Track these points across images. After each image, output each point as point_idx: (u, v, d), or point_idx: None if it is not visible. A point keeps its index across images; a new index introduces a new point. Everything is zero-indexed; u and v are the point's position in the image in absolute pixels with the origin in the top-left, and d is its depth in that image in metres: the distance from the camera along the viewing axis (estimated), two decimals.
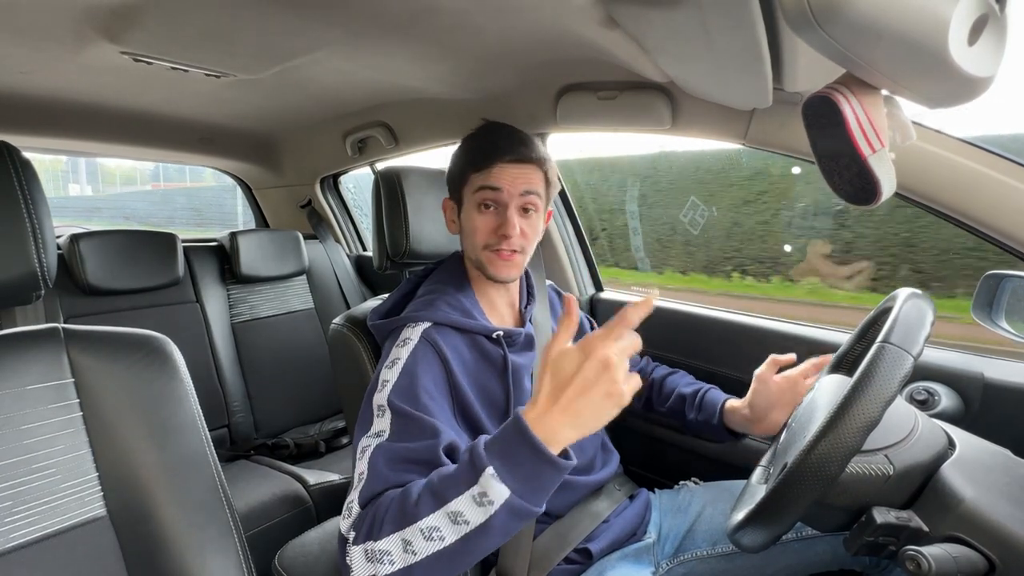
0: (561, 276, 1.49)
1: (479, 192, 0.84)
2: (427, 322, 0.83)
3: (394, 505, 0.61)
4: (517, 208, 0.85)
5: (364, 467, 0.69)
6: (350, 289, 2.03)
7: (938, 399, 0.93)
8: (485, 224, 0.85)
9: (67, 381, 0.56)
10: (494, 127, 0.89)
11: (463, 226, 0.89)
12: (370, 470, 0.69)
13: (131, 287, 1.51)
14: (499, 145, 0.84)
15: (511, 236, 0.83)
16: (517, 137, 0.86)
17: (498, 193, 0.84)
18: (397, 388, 0.75)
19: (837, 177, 0.71)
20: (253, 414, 1.71)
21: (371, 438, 0.73)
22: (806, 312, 2.88)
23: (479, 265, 0.88)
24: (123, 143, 1.69)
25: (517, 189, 0.84)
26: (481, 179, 0.84)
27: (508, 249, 0.84)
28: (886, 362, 0.54)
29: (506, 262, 0.85)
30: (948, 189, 0.83)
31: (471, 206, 0.86)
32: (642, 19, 0.73)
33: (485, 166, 0.84)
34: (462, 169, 0.87)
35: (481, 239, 0.85)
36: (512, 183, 0.84)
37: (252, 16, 0.88)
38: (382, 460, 0.69)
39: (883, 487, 0.58)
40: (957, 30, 0.48)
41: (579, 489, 0.90)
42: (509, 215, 0.84)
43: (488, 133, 0.88)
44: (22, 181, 0.57)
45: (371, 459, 0.70)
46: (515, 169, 0.84)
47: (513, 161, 0.84)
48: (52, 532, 0.53)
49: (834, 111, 0.64)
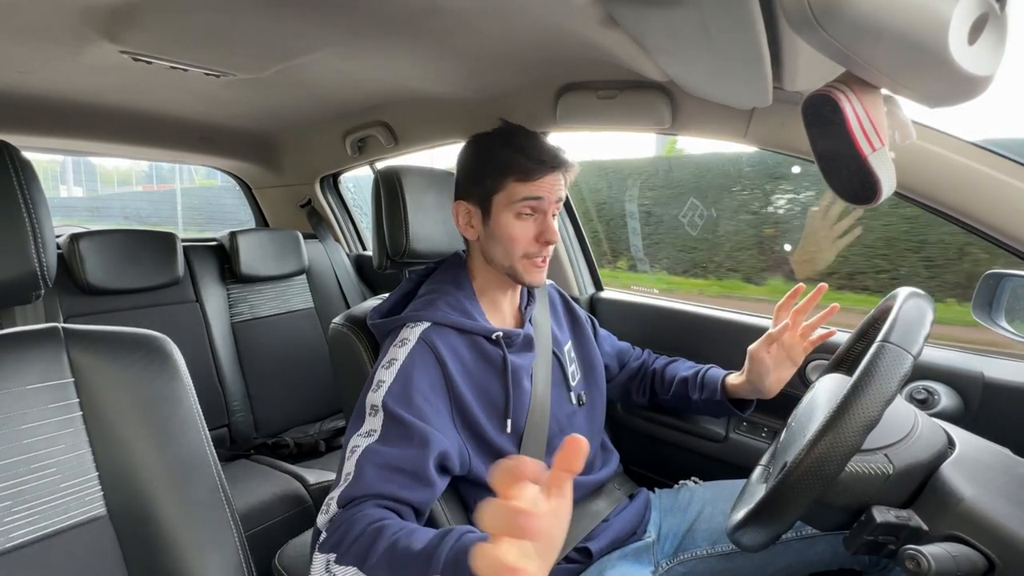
0: (561, 276, 1.49)
1: (522, 202, 0.83)
2: (426, 322, 0.82)
3: (363, 540, 0.61)
4: (551, 215, 0.86)
5: (351, 468, 0.70)
6: (350, 288, 2.03)
7: (938, 398, 0.93)
8: (526, 232, 0.85)
9: (67, 381, 0.56)
10: (528, 134, 0.88)
11: (496, 233, 0.86)
12: (356, 472, 0.69)
13: (131, 287, 1.51)
14: (543, 157, 0.84)
15: (553, 242, 0.85)
16: (553, 146, 0.87)
17: (540, 202, 0.84)
18: (392, 390, 0.75)
19: (836, 176, 0.71)
20: (253, 413, 1.71)
21: (361, 437, 0.73)
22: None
23: (511, 272, 0.87)
24: (123, 143, 1.69)
25: (554, 197, 0.85)
26: (526, 189, 0.83)
27: (544, 255, 0.86)
28: (886, 361, 0.54)
29: (540, 269, 0.87)
30: (948, 189, 0.83)
31: (509, 214, 0.84)
32: (642, 18, 0.73)
33: (534, 177, 0.83)
34: (498, 176, 0.85)
35: (521, 247, 0.85)
36: (551, 191, 0.85)
37: (252, 16, 0.88)
38: (369, 465, 0.70)
39: (883, 486, 0.58)
40: (957, 29, 0.48)
41: (579, 488, 0.90)
42: (550, 222, 0.85)
43: (527, 141, 0.86)
44: (22, 181, 0.57)
45: (359, 461, 0.70)
46: (553, 177, 0.85)
47: (556, 170, 0.85)
48: (52, 532, 0.53)
49: (834, 109, 0.63)
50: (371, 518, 0.64)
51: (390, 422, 0.73)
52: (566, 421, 0.92)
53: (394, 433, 0.73)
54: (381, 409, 0.74)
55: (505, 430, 0.83)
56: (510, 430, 0.84)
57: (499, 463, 0.40)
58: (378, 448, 0.71)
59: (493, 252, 0.88)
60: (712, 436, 1.23)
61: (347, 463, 0.71)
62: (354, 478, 0.69)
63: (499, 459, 0.87)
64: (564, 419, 0.92)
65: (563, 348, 0.98)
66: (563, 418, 0.91)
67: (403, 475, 0.70)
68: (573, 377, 0.97)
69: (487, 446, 0.82)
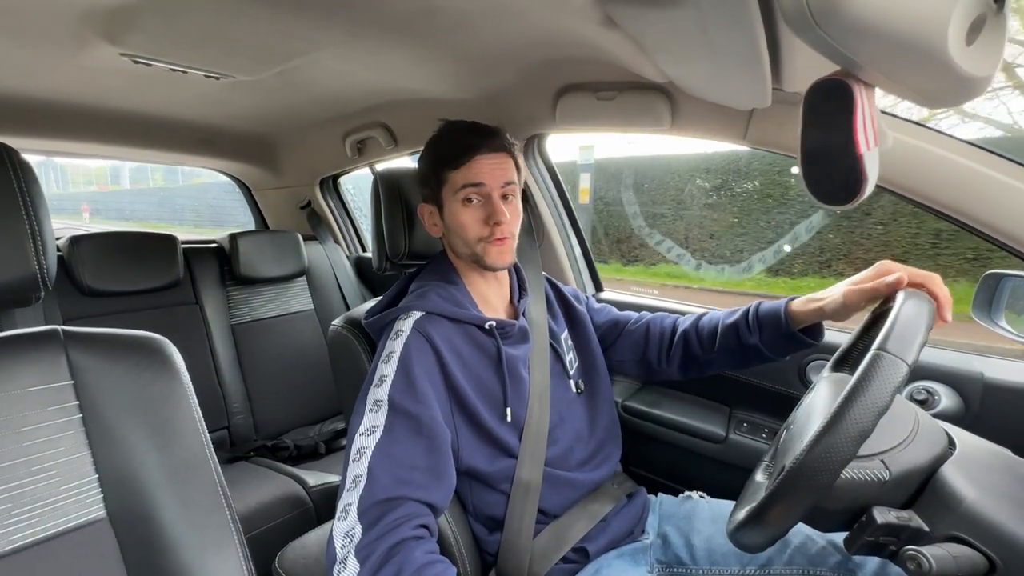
0: (561, 276, 1.49)
1: (463, 189, 0.85)
2: (419, 312, 0.83)
3: (388, 569, 0.64)
4: (499, 197, 0.86)
5: (362, 470, 0.70)
6: (350, 290, 2.03)
7: (938, 399, 0.93)
8: (474, 217, 0.85)
9: (66, 383, 0.56)
10: (459, 125, 0.89)
11: (449, 225, 0.88)
12: (369, 476, 0.69)
13: (130, 289, 1.51)
14: (472, 140, 0.85)
15: (503, 222, 0.84)
16: (487, 130, 0.87)
17: (481, 187, 0.85)
18: (396, 383, 0.76)
19: (819, 174, 0.69)
20: (253, 415, 1.71)
21: (365, 436, 0.73)
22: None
23: (475, 259, 0.88)
24: (122, 145, 1.69)
25: (498, 181, 0.85)
26: (461, 176, 0.85)
27: (500, 235, 0.85)
28: (880, 371, 0.54)
29: (500, 248, 0.86)
30: (948, 189, 0.83)
31: (455, 204, 0.86)
32: (641, 19, 0.73)
33: (464, 162, 0.84)
34: (437, 170, 0.87)
35: (474, 233, 0.86)
36: (491, 175, 0.85)
37: (251, 18, 0.88)
38: (381, 467, 0.70)
39: (880, 491, 0.58)
40: (955, 29, 0.48)
41: (578, 488, 0.90)
42: (495, 203, 0.85)
43: (457, 131, 0.88)
44: (21, 183, 0.57)
45: (371, 464, 0.70)
46: (491, 161, 0.85)
47: (489, 152, 0.85)
48: (52, 534, 0.53)
49: (847, 95, 0.62)
50: (395, 549, 0.65)
51: (398, 416, 0.74)
52: (567, 410, 0.92)
53: (401, 426, 0.73)
54: (387, 403, 0.75)
55: (505, 420, 0.84)
56: (510, 420, 0.84)
57: None
58: (387, 447, 0.71)
59: (455, 244, 0.90)
60: (712, 436, 1.23)
61: (356, 465, 0.71)
62: (368, 482, 0.69)
63: (499, 450, 0.87)
64: (564, 408, 0.92)
65: (559, 338, 0.98)
66: (563, 407, 0.92)
67: (418, 473, 0.71)
68: (571, 365, 0.97)
69: (487, 436, 0.82)
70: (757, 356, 0.91)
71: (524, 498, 0.83)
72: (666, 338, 1.01)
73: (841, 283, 0.82)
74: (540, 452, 0.85)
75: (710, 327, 0.96)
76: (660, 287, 5.24)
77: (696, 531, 0.92)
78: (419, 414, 0.74)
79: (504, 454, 0.84)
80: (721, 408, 1.28)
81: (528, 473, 0.84)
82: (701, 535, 0.91)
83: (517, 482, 0.83)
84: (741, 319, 0.92)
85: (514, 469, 0.84)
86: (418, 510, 0.70)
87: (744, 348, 0.91)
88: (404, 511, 0.68)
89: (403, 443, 0.72)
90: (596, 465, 0.94)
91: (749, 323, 0.90)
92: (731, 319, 0.93)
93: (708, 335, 0.95)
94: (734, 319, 0.93)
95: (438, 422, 0.75)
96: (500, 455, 0.84)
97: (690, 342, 0.98)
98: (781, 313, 0.86)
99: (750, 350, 0.91)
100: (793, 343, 0.87)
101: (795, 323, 0.86)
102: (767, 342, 0.88)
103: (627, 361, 1.05)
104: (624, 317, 1.07)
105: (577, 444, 0.92)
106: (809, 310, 0.84)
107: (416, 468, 0.72)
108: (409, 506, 0.69)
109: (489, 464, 0.82)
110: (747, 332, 0.90)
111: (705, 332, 0.96)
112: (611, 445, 0.98)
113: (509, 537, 0.82)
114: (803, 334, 0.86)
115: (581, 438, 0.93)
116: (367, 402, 0.76)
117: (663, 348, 1.01)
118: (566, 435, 0.90)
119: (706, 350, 0.96)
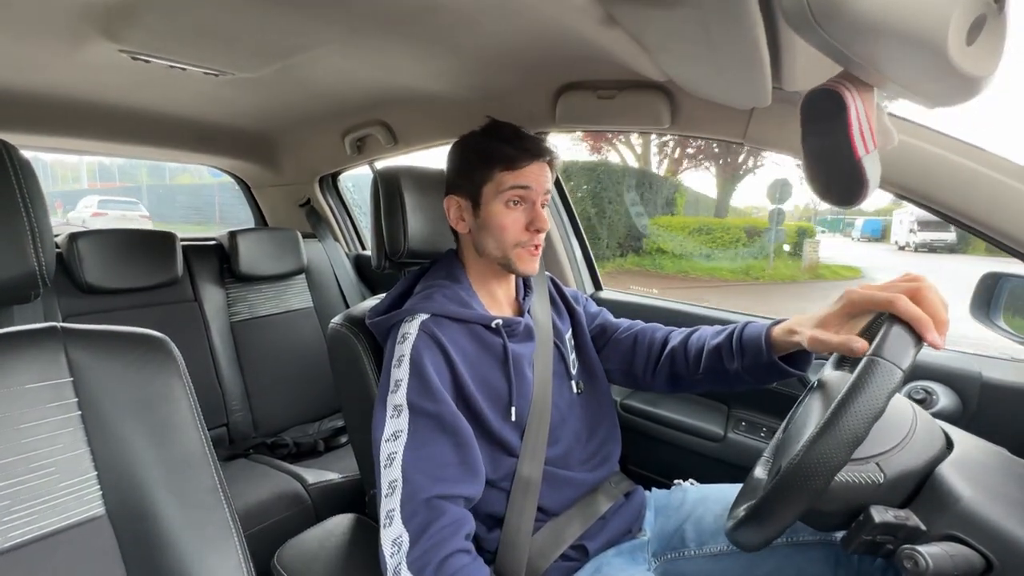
0: (561, 275, 1.49)
1: (510, 191, 0.86)
2: (424, 314, 0.83)
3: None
4: (541, 205, 0.89)
5: (397, 475, 0.72)
6: (349, 288, 2.03)
7: (936, 398, 0.93)
8: (516, 221, 0.87)
9: (65, 380, 0.56)
10: (510, 127, 0.90)
11: (486, 223, 0.88)
12: (404, 479, 0.71)
13: (129, 286, 1.50)
14: (528, 147, 0.87)
15: (544, 230, 0.87)
16: (539, 138, 0.91)
17: (527, 191, 0.86)
18: (412, 386, 0.76)
19: (823, 176, 0.70)
20: (252, 413, 1.71)
21: (392, 442, 0.74)
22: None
23: (505, 262, 0.88)
24: (121, 142, 1.69)
25: (541, 187, 0.88)
26: (513, 178, 0.86)
27: (538, 242, 0.88)
28: (875, 377, 0.54)
29: (534, 258, 0.89)
30: (947, 189, 0.83)
31: (498, 203, 0.87)
32: (641, 18, 0.73)
33: (519, 166, 0.86)
34: (485, 167, 0.87)
35: (513, 236, 0.87)
36: (538, 181, 0.87)
37: (251, 14, 0.87)
38: (414, 468, 0.72)
39: (875, 492, 0.58)
40: (956, 29, 0.48)
41: (578, 487, 0.90)
42: (539, 210, 0.87)
43: (512, 133, 0.89)
44: (20, 180, 0.57)
45: (404, 468, 0.72)
46: (539, 168, 0.88)
47: (540, 161, 0.88)
48: (50, 531, 0.53)
49: (839, 105, 0.63)
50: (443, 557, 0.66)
51: (419, 417, 0.75)
52: (567, 409, 0.92)
53: (425, 426, 0.74)
54: (406, 407, 0.75)
55: (509, 419, 0.84)
56: (514, 419, 0.84)
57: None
58: (416, 449, 0.73)
59: (485, 243, 0.89)
60: (710, 436, 1.23)
61: (388, 471, 0.72)
62: (405, 485, 0.70)
63: (501, 449, 0.88)
64: (565, 408, 0.92)
65: (564, 337, 0.98)
66: (564, 407, 0.92)
67: (451, 468, 0.73)
68: (573, 365, 0.98)
69: (490, 436, 0.82)
70: (741, 383, 0.87)
71: (524, 495, 0.83)
72: (654, 352, 0.97)
73: (812, 321, 0.74)
74: (541, 449, 0.85)
75: (697, 346, 0.91)
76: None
77: (685, 515, 0.93)
78: (440, 412, 0.75)
79: (505, 452, 0.84)
80: (719, 407, 1.29)
81: (529, 470, 0.84)
82: (690, 518, 0.92)
83: (518, 479, 0.83)
84: (725, 341, 0.87)
85: (515, 467, 0.84)
86: (461, 516, 0.72)
87: (727, 373, 0.87)
88: (448, 518, 0.70)
89: (430, 443, 0.74)
90: (596, 465, 0.94)
91: (733, 346, 0.86)
92: (716, 340, 0.89)
93: (695, 355, 0.91)
94: (718, 340, 0.88)
95: (458, 416, 0.77)
96: (502, 454, 0.84)
97: (676, 360, 0.94)
98: (762, 340, 0.81)
99: (732, 376, 0.86)
100: (774, 373, 0.82)
101: (776, 350, 0.80)
102: (748, 368, 0.84)
103: (614, 371, 1.02)
104: (613, 325, 1.05)
105: (577, 444, 0.92)
106: (787, 341, 0.78)
107: (448, 464, 0.73)
108: (452, 512, 0.71)
109: (491, 462, 0.83)
110: (730, 357, 0.86)
111: (692, 351, 0.92)
112: (611, 445, 0.99)
113: (508, 534, 0.83)
114: (786, 362, 0.81)
115: (581, 438, 0.93)
116: (387, 408, 0.77)
117: (649, 362, 0.98)
118: (567, 435, 0.91)
119: (692, 371, 0.92)
